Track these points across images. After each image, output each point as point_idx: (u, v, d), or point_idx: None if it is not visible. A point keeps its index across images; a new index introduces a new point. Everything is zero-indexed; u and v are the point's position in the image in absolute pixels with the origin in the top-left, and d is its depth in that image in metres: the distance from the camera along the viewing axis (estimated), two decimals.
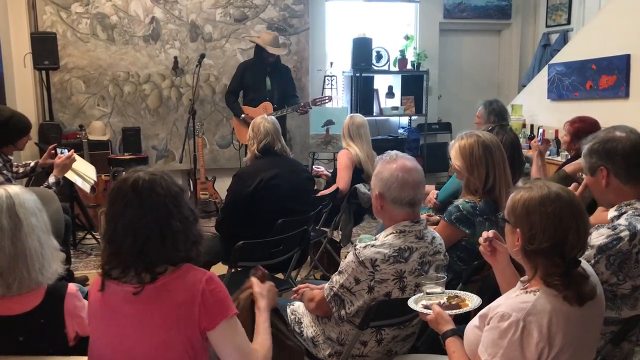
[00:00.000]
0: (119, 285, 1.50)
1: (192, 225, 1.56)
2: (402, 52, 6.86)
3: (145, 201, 1.48)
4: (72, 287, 1.73)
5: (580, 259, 1.51)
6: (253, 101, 5.35)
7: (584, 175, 2.11)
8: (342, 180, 3.89)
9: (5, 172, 3.24)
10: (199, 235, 1.60)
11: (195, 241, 1.56)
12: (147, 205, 1.48)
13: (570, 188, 2.13)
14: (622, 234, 1.83)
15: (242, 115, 5.25)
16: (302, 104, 5.29)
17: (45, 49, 5.29)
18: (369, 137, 4.09)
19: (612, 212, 1.96)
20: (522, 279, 1.58)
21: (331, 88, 6.69)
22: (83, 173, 3.73)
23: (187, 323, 1.47)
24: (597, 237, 1.83)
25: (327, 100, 5.52)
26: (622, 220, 1.88)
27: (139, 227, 1.46)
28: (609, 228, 1.85)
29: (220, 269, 3.18)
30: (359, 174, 3.96)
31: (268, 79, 5.40)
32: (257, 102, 5.33)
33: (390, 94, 7.00)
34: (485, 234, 1.80)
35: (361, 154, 3.95)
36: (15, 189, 1.67)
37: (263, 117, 3.27)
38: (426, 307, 1.74)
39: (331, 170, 4.27)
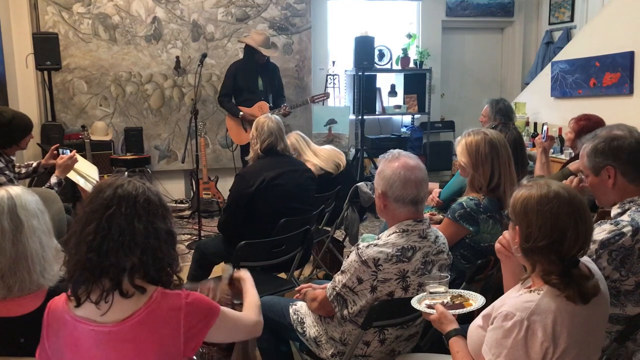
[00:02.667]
0: (88, 325, 1.43)
1: (162, 240, 1.47)
2: (405, 50, 6.85)
3: (116, 195, 1.44)
4: None
5: (579, 258, 1.50)
6: (247, 101, 5.31)
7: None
8: None
9: (7, 172, 3.24)
10: (172, 258, 1.51)
11: (161, 260, 1.47)
12: (117, 199, 1.44)
13: (567, 182, 2.12)
14: (625, 229, 1.83)
15: (241, 114, 5.24)
16: (284, 106, 5.23)
17: (47, 50, 5.29)
18: (311, 143, 4.09)
19: (615, 210, 1.95)
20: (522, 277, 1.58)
21: (333, 87, 6.68)
22: (85, 173, 3.72)
23: (169, 356, 1.43)
24: (600, 232, 1.83)
25: (324, 98, 5.50)
26: (625, 217, 1.88)
27: (103, 217, 1.42)
28: (611, 223, 1.85)
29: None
30: (330, 176, 3.94)
31: (260, 79, 5.37)
32: (250, 102, 5.29)
33: (392, 92, 6.99)
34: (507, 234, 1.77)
35: (318, 161, 3.95)
36: (16, 190, 1.66)
37: (267, 117, 3.25)
38: (429, 306, 1.73)
39: None
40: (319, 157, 3.99)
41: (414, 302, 1.78)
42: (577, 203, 1.48)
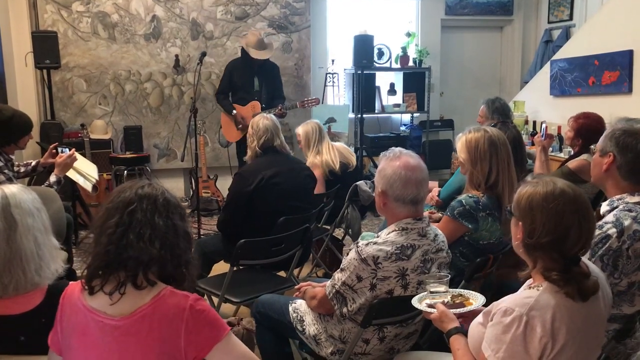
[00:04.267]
0: (98, 316, 1.45)
1: (180, 236, 1.51)
2: (404, 49, 6.85)
3: (137, 194, 1.49)
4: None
5: (581, 256, 1.51)
6: (242, 100, 5.33)
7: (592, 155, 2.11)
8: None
9: (6, 171, 3.24)
10: (189, 257, 1.55)
11: (179, 256, 1.50)
12: (138, 197, 1.48)
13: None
14: (610, 232, 1.85)
15: (234, 112, 5.27)
16: (279, 107, 5.18)
17: (46, 48, 5.27)
18: (326, 137, 4.08)
19: (604, 207, 1.98)
20: (520, 274, 1.59)
21: (332, 85, 6.68)
22: (85, 172, 3.73)
23: (170, 356, 1.43)
24: None
25: (314, 103, 5.47)
26: (610, 217, 1.89)
27: (124, 212, 1.46)
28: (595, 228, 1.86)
29: (222, 267, 3.18)
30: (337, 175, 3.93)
31: (256, 78, 5.36)
32: (245, 101, 5.31)
33: (392, 91, 6.99)
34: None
35: (329, 157, 3.93)
36: (12, 189, 1.66)
37: (262, 115, 3.31)
38: (430, 305, 1.73)
39: None
40: (331, 154, 3.98)
41: (415, 302, 1.78)
42: (582, 202, 1.49)
